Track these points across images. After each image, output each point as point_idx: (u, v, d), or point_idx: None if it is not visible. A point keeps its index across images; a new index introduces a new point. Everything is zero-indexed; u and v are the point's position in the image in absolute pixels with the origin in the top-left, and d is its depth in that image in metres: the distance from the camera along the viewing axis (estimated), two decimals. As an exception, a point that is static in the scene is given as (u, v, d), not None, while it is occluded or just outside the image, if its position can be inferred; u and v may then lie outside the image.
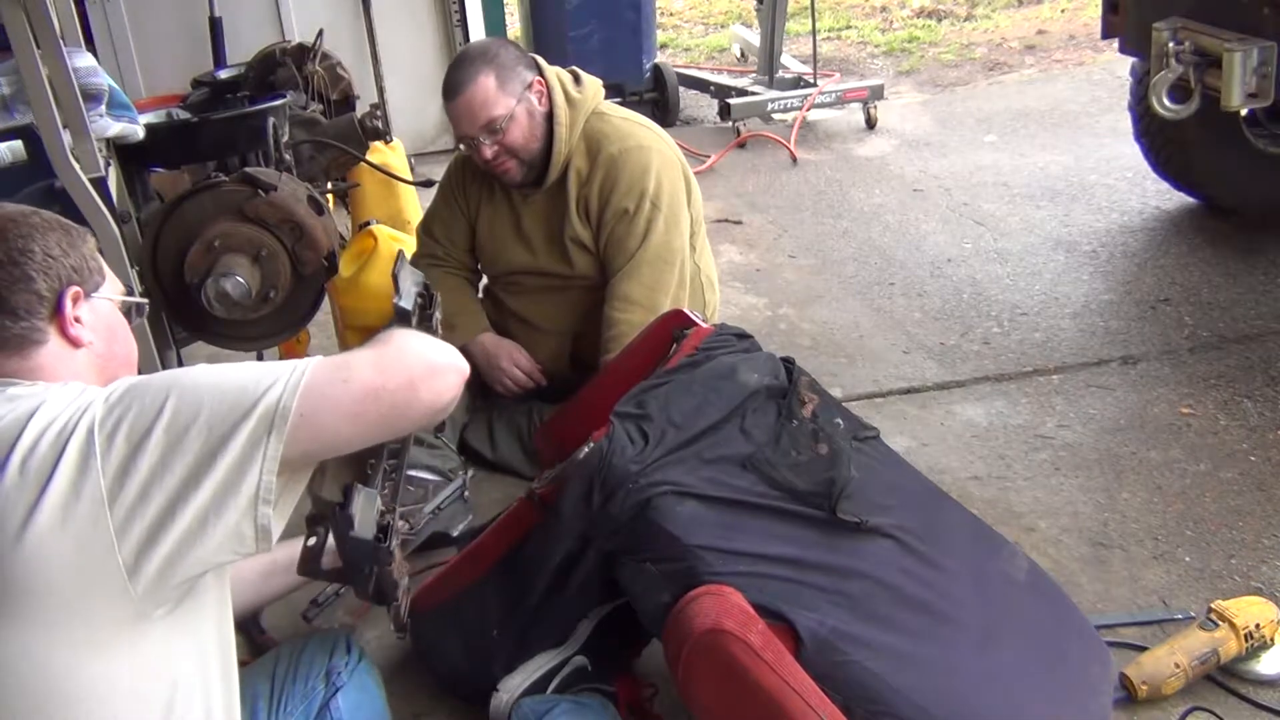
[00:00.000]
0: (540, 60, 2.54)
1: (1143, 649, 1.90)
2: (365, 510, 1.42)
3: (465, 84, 2.41)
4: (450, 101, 2.44)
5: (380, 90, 4.73)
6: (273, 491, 1.12)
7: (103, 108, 2.25)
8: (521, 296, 2.67)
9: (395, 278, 1.70)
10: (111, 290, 1.36)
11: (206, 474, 1.10)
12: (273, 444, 1.11)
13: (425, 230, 2.74)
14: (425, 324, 1.73)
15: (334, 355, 1.22)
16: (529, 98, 2.45)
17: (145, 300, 1.44)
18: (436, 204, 2.73)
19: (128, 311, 1.39)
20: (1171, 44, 2.99)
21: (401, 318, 1.58)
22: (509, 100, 2.42)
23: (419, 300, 1.73)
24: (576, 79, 2.56)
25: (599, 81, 2.60)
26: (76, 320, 1.28)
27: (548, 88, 2.48)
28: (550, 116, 2.48)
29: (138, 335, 2.14)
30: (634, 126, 2.56)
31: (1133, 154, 3.89)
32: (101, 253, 1.38)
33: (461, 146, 2.53)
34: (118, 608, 1.10)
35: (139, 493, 1.09)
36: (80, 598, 1.09)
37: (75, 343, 1.28)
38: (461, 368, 1.28)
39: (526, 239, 2.59)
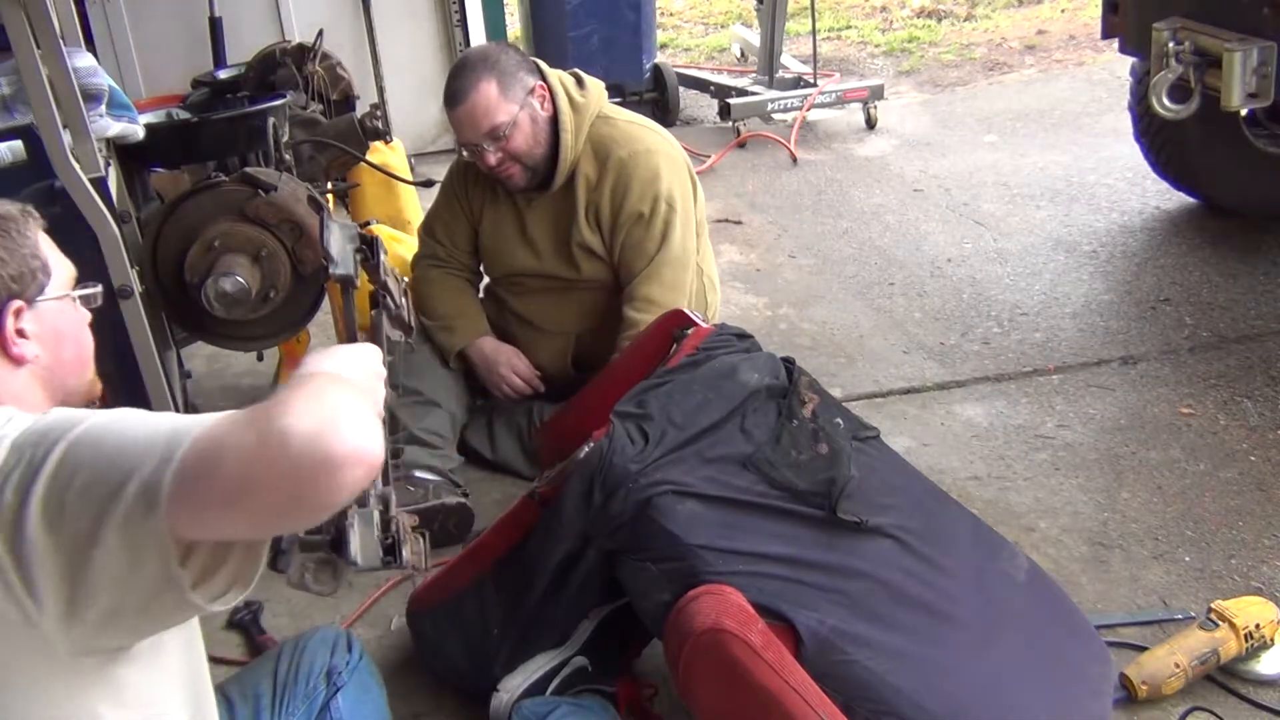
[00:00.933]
0: (542, 64, 2.53)
1: (1143, 649, 1.90)
2: (365, 541, 1.29)
3: (467, 91, 2.40)
4: (452, 109, 2.43)
5: (380, 90, 4.72)
6: (183, 566, 0.96)
7: (103, 108, 2.25)
8: (524, 297, 2.67)
9: (324, 248, 1.50)
10: (59, 285, 1.23)
11: (95, 547, 0.95)
12: (154, 524, 0.93)
13: (427, 231, 2.74)
14: (375, 275, 1.63)
15: (224, 416, 0.97)
16: (531, 103, 2.45)
17: (97, 288, 1.29)
18: (438, 205, 2.73)
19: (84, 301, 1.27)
20: (1171, 44, 2.99)
21: (345, 284, 1.46)
22: (511, 106, 2.41)
23: (357, 256, 1.61)
24: (579, 82, 2.56)
25: (601, 84, 2.60)
26: (19, 335, 1.16)
27: (550, 92, 2.48)
28: (554, 121, 2.47)
29: (138, 334, 2.15)
30: (640, 130, 2.56)
31: (1133, 154, 3.89)
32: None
33: (464, 152, 2.53)
34: (55, 656, 1.01)
35: (38, 556, 0.96)
36: (9, 647, 1.00)
37: (18, 361, 1.17)
38: (374, 459, 0.93)
39: (532, 243, 2.58)
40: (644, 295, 2.47)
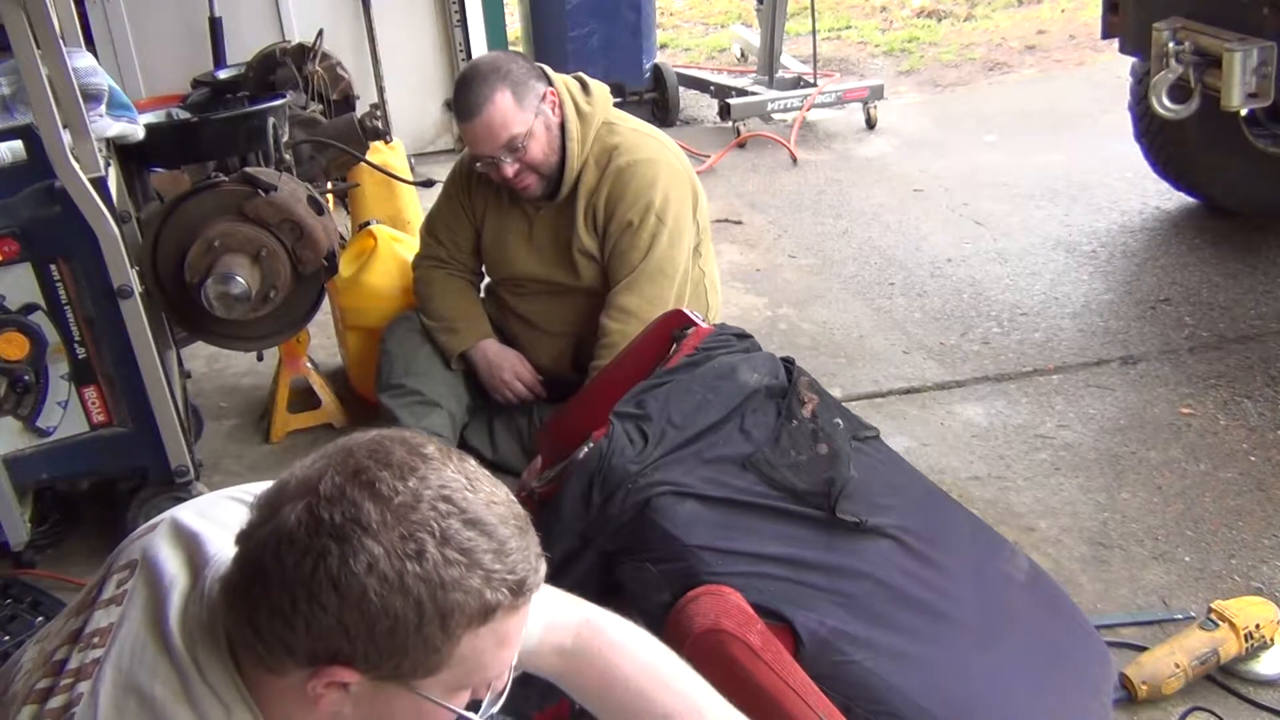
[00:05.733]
0: (548, 70, 2.52)
1: (1143, 649, 1.90)
2: None
3: (482, 104, 2.35)
4: (467, 123, 2.39)
5: (380, 90, 4.72)
6: None
7: (103, 108, 2.25)
8: (526, 299, 2.66)
9: None
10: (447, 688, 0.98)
11: None
12: None
13: (428, 231, 2.73)
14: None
15: None
16: (544, 110, 2.42)
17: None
18: (440, 206, 2.72)
19: None
20: (1171, 44, 3.00)
21: None
22: (527, 116, 2.38)
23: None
24: (584, 87, 2.53)
25: (606, 89, 2.58)
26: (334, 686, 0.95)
27: (559, 99, 2.47)
28: (562, 128, 2.46)
29: (138, 335, 2.15)
30: (643, 138, 2.55)
31: (1133, 154, 3.88)
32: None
33: (479, 165, 2.48)
34: None
35: None
36: None
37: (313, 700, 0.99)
38: None
39: (536, 248, 2.57)
40: (620, 305, 2.47)
